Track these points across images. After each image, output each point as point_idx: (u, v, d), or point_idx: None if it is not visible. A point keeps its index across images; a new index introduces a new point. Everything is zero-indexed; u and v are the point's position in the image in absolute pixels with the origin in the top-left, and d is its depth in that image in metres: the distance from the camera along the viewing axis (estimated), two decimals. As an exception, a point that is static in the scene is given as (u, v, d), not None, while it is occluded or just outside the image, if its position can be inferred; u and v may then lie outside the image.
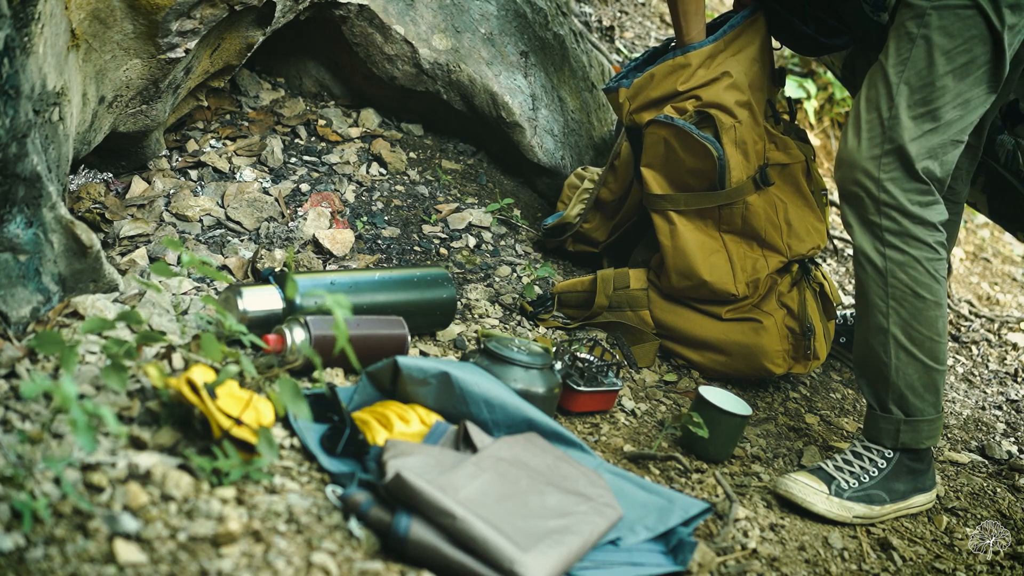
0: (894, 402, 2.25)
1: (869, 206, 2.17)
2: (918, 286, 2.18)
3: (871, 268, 2.20)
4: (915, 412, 2.25)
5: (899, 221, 2.16)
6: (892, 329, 2.20)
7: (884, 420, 2.26)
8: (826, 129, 4.60)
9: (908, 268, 2.18)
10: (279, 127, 2.83)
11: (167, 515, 1.48)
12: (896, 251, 2.17)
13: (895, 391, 2.24)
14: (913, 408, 2.24)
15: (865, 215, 2.18)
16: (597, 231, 2.78)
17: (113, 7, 2.14)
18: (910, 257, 2.17)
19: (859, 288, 2.25)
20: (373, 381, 1.97)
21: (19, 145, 1.79)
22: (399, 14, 2.79)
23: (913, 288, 2.18)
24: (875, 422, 2.28)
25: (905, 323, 2.20)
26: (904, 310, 2.19)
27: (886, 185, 2.15)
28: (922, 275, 2.18)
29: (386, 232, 2.64)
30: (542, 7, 3.05)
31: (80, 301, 1.93)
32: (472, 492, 1.66)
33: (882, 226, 2.17)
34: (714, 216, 2.53)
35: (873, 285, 2.21)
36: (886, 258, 2.18)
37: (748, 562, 1.93)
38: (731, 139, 2.46)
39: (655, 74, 2.51)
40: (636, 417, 2.35)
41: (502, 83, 2.88)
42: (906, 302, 2.19)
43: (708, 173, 2.47)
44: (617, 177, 2.73)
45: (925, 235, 2.17)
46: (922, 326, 2.20)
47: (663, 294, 2.60)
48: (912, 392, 2.23)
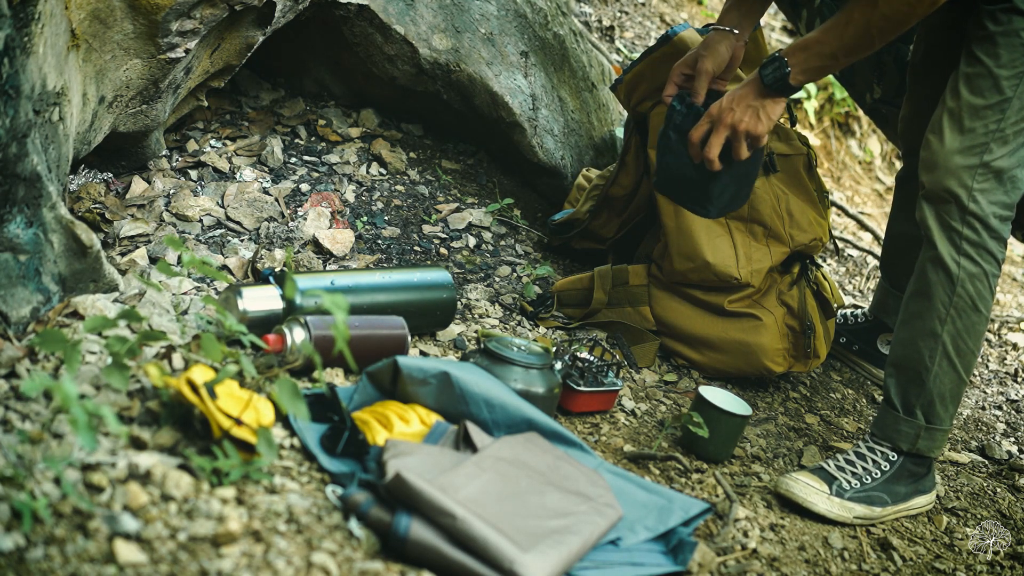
0: (921, 407, 2.24)
1: (955, 213, 2.15)
2: (979, 299, 2.18)
3: (943, 273, 2.18)
4: (936, 421, 2.25)
5: (980, 233, 2.15)
6: (944, 337, 2.20)
7: (905, 423, 2.25)
8: (826, 129, 4.60)
9: (976, 280, 2.17)
10: (279, 127, 2.83)
11: (167, 515, 1.48)
12: (970, 262, 2.16)
13: (926, 397, 2.23)
14: (936, 417, 2.24)
15: (948, 220, 2.16)
16: (605, 227, 2.78)
17: (113, 7, 2.14)
18: (981, 270, 2.17)
19: (921, 288, 2.22)
20: (373, 381, 1.97)
21: (19, 145, 1.79)
22: (399, 14, 2.79)
23: (975, 301, 2.18)
24: (894, 423, 2.27)
25: (957, 333, 2.19)
26: (961, 321, 2.19)
27: (976, 195, 2.13)
28: (985, 289, 2.18)
29: (386, 232, 2.64)
30: (542, 7, 3.05)
31: (80, 301, 1.93)
32: (472, 492, 1.66)
33: (963, 235, 2.15)
34: None
35: (940, 291, 2.18)
36: (960, 267, 2.16)
37: (748, 562, 1.93)
38: None
39: (653, 61, 2.54)
40: (636, 417, 2.35)
41: (502, 83, 2.88)
42: (964, 313, 2.18)
43: None
44: (628, 172, 2.73)
45: (997, 250, 2.17)
46: (970, 339, 2.20)
47: (664, 289, 2.60)
48: (940, 401, 2.23)
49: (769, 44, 4.51)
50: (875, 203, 4.52)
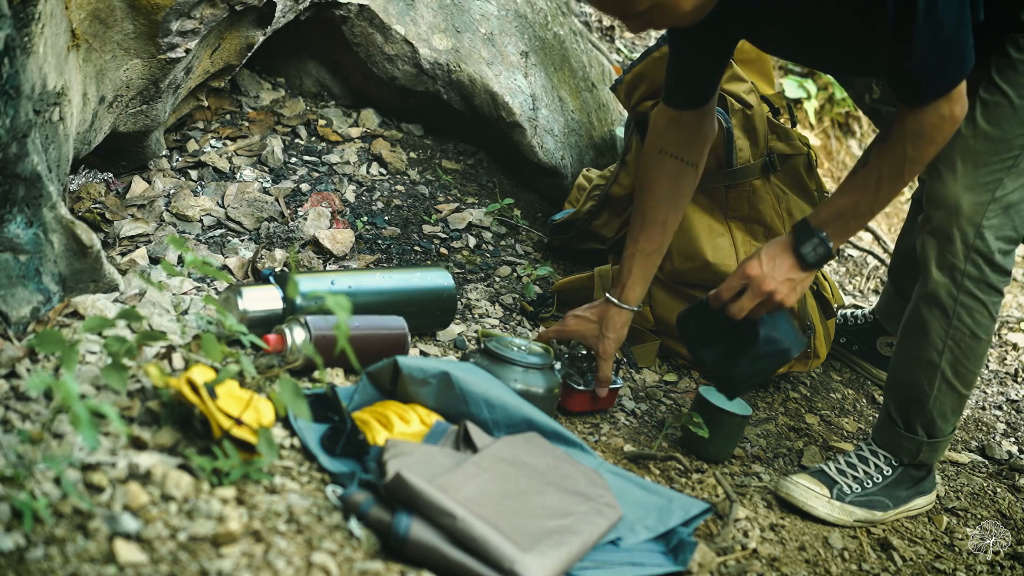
0: (922, 426, 2.22)
1: (959, 251, 2.09)
2: (979, 328, 2.14)
3: (937, 309, 2.13)
4: (939, 435, 2.23)
5: (982, 269, 2.09)
6: (943, 365, 2.16)
7: (908, 440, 2.24)
8: (826, 129, 4.60)
9: (975, 313, 2.12)
10: (279, 127, 2.83)
11: (167, 515, 1.48)
12: (969, 297, 2.11)
13: (927, 417, 2.21)
14: (938, 431, 2.23)
15: (949, 257, 2.10)
16: (606, 227, 2.78)
17: (113, 7, 2.14)
18: (980, 303, 2.12)
19: (915, 323, 2.18)
20: (373, 381, 1.97)
21: (19, 145, 1.79)
22: (399, 14, 2.79)
23: (974, 330, 2.14)
24: (896, 438, 2.25)
25: (956, 360, 2.16)
26: (959, 349, 2.15)
27: (984, 232, 2.07)
28: (985, 319, 2.13)
29: (386, 232, 2.64)
30: (542, 7, 3.05)
31: (80, 301, 1.93)
32: (472, 492, 1.66)
33: (965, 272, 2.10)
34: (721, 202, 2.54)
35: (935, 325, 2.14)
36: (957, 302, 2.11)
37: (748, 562, 1.93)
38: (738, 122, 2.48)
39: (653, 60, 2.54)
40: (636, 417, 2.35)
41: (502, 83, 2.88)
42: (963, 342, 2.14)
43: (715, 148, 2.47)
44: (628, 172, 2.73)
45: (999, 283, 2.12)
46: (970, 362, 2.17)
47: (664, 289, 2.60)
48: (942, 418, 2.21)
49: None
50: (875, 203, 4.51)
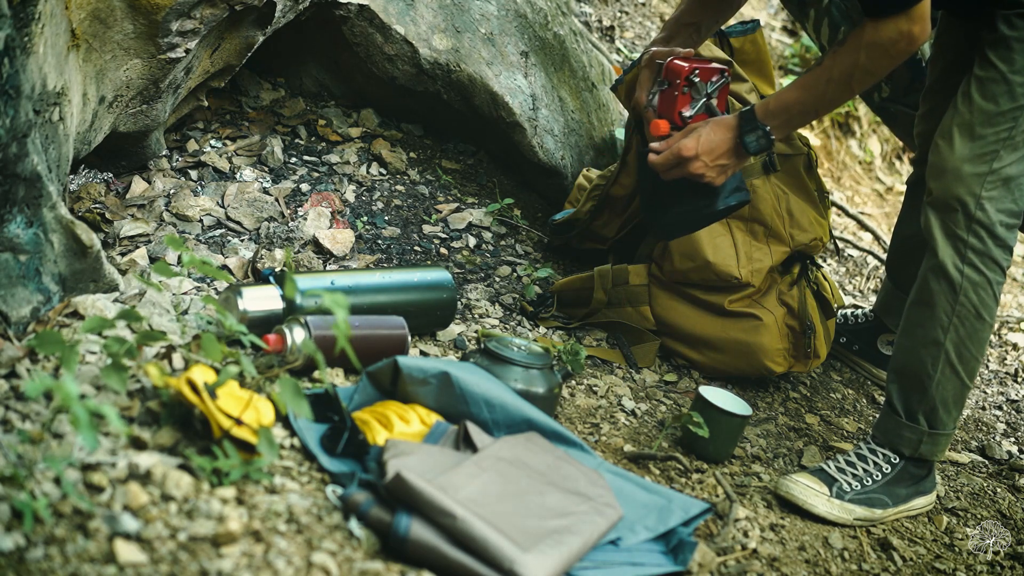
0: (924, 414, 2.24)
1: (961, 221, 2.12)
2: (983, 307, 2.16)
3: (945, 282, 2.16)
4: (940, 426, 2.24)
5: (985, 241, 2.13)
6: (947, 345, 2.18)
7: (908, 429, 2.25)
8: (826, 129, 4.60)
9: (980, 289, 2.15)
10: (279, 127, 2.83)
11: (167, 515, 1.48)
12: (974, 270, 2.14)
13: (929, 403, 2.23)
14: (940, 422, 2.24)
15: (953, 228, 2.13)
16: (606, 227, 2.77)
17: (113, 7, 2.14)
18: (985, 279, 2.15)
19: (923, 297, 2.20)
20: (373, 381, 1.97)
21: (19, 145, 1.79)
22: (399, 14, 2.79)
23: (978, 309, 2.16)
24: (897, 428, 2.26)
25: (960, 341, 2.18)
26: (964, 328, 2.17)
27: (984, 203, 2.11)
28: (989, 297, 2.16)
29: (386, 232, 2.64)
30: (542, 7, 3.05)
31: (80, 301, 1.93)
32: (472, 492, 1.66)
33: (968, 243, 2.13)
34: None
35: (942, 299, 2.17)
36: (963, 275, 2.14)
37: (748, 562, 1.93)
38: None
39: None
40: (636, 417, 2.35)
41: (502, 83, 2.88)
42: (968, 321, 2.17)
43: None
44: (629, 172, 2.73)
45: (1002, 258, 2.15)
46: (973, 346, 2.19)
47: (664, 289, 2.60)
48: (944, 407, 2.23)
49: (769, 43, 4.51)
50: (875, 203, 4.51)
